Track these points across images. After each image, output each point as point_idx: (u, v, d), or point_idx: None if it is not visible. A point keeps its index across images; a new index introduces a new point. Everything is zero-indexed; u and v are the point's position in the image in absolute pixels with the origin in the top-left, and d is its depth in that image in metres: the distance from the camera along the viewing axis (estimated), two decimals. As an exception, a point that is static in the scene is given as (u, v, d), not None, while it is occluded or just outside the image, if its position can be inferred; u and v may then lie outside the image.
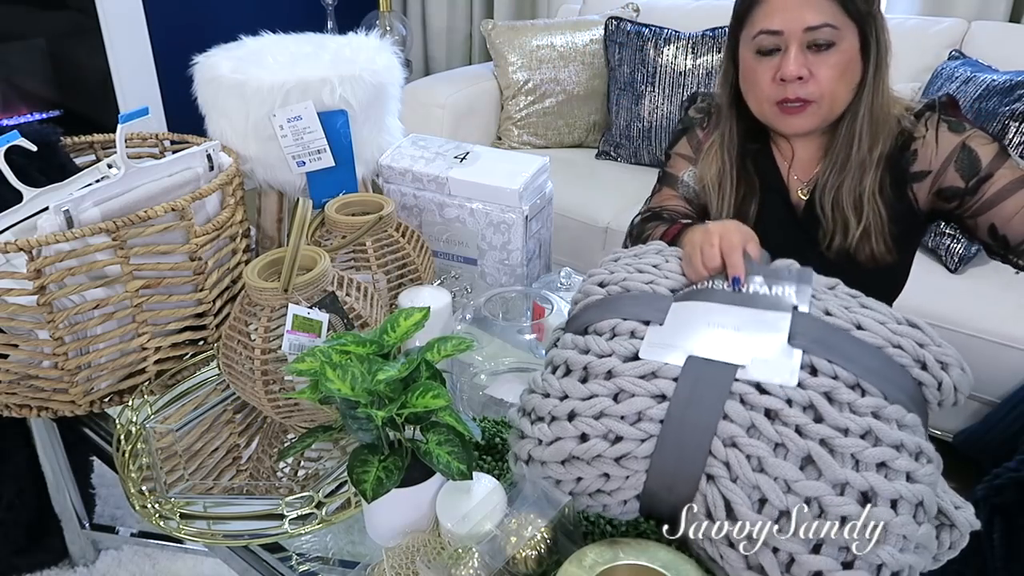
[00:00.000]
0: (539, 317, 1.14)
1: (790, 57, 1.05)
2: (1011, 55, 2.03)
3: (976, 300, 1.75)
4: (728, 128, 1.20)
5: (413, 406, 0.78)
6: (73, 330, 1.04)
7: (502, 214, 1.27)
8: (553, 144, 2.58)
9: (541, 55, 2.50)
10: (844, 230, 1.12)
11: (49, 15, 2.85)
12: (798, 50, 1.05)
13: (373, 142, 1.35)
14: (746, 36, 1.10)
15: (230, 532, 0.93)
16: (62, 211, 0.99)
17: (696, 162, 1.26)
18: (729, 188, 1.20)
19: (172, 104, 2.90)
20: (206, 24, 2.96)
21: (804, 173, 1.19)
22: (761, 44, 1.07)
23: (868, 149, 1.10)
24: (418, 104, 2.47)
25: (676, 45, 2.33)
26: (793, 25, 1.04)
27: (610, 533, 0.85)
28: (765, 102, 1.10)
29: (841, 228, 1.13)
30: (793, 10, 1.05)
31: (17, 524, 1.54)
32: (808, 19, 1.04)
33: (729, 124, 1.20)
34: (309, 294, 0.95)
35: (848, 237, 1.12)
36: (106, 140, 1.31)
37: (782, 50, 1.06)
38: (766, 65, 1.08)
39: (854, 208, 1.11)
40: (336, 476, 0.98)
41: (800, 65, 1.05)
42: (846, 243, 1.13)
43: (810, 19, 1.04)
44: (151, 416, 1.10)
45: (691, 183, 1.27)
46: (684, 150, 1.29)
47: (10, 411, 1.13)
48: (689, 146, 1.28)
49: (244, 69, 1.27)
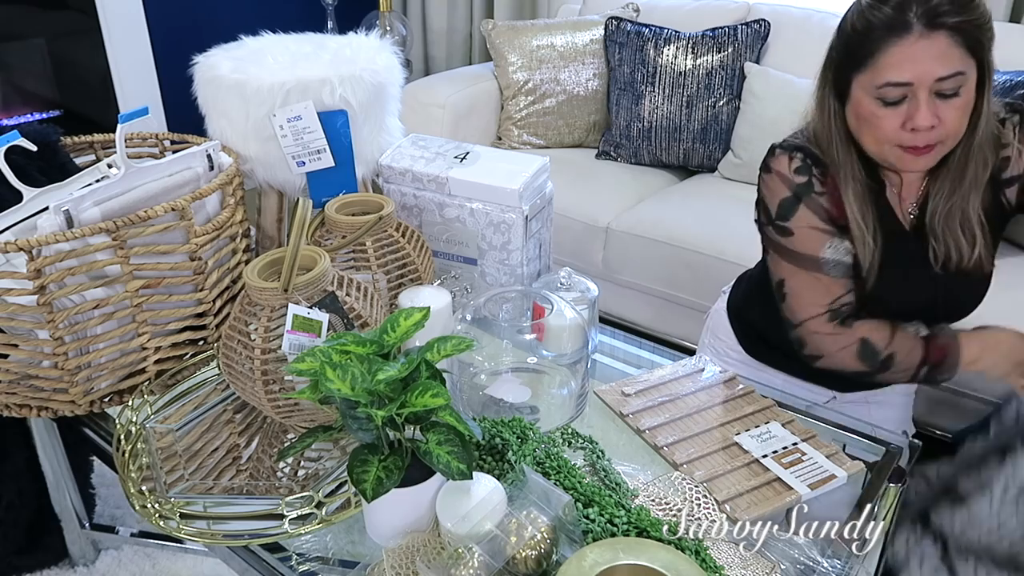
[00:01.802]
0: (539, 317, 1.14)
1: (921, 109, 0.99)
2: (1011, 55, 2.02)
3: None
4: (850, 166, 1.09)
5: (413, 406, 0.78)
6: (73, 330, 1.04)
7: (502, 214, 1.27)
8: (553, 144, 2.58)
9: (541, 55, 2.50)
10: (958, 250, 1.11)
11: (49, 15, 2.85)
12: (927, 99, 0.99)
13: (373, 142, 1.35)
14: (866, 81, 1.01)
15: (230, 532, 0.93)
16: (62, 211, 0.99)
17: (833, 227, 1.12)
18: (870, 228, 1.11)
19: (172, 104, 2.90)
20: (206, 24, 2.96)
21: (910, 193, 1.14)
22: (887, 95, 1.00)
23: (981, 171, 1.07)
24: (418, 104, 2.46)
25: (676, 45, 2.33)
26: (924, 78, 0.98)
27: (610, 533, 0.85)
28: (886, 144, 1.04)
29: (955, 249, 1.11)
30: (923, 61, 0.97)
31: (17, 524, 1.54)
32: (938, 71, 0.97)
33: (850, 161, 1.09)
34: (309, 294, 0.95)
35: (963, 257, 1.11)
36: (106, 140, 1.31)
37: (909, 98, 1.00)
38: (891, 113, 1.01)
39: (964, 229, 1.10)
40: (336, 476, 0.98)
41: (931, 115, 0.99)
42: (962, 263, 1.11)
43: (940, 70, 0.97)
44: (151, 416, 1.10)
45: (839, 257, 1.12)
46: (811, 219, 1.12)
47: (10, 411, 1.13)
48: (817, 216, 1.11)
49: (244, 69, 1.27)
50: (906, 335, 1.12)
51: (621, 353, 1.32)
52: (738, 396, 1.14)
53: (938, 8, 0.97)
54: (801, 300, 1.14)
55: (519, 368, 1.14)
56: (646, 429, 1.07)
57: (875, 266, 1.11)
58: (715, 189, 2.29)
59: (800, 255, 1.13)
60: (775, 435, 1.05)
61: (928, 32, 0.97)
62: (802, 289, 1.13)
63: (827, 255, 1.11)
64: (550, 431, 1.04)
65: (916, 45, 0.97)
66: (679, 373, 1.19)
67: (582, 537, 0.85)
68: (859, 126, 1.06)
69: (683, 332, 2.10)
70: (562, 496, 0.84)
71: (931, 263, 1.12)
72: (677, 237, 2.04)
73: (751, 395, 1.14)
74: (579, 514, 0.86)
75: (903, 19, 0.97)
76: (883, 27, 0.99)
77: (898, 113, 1.01)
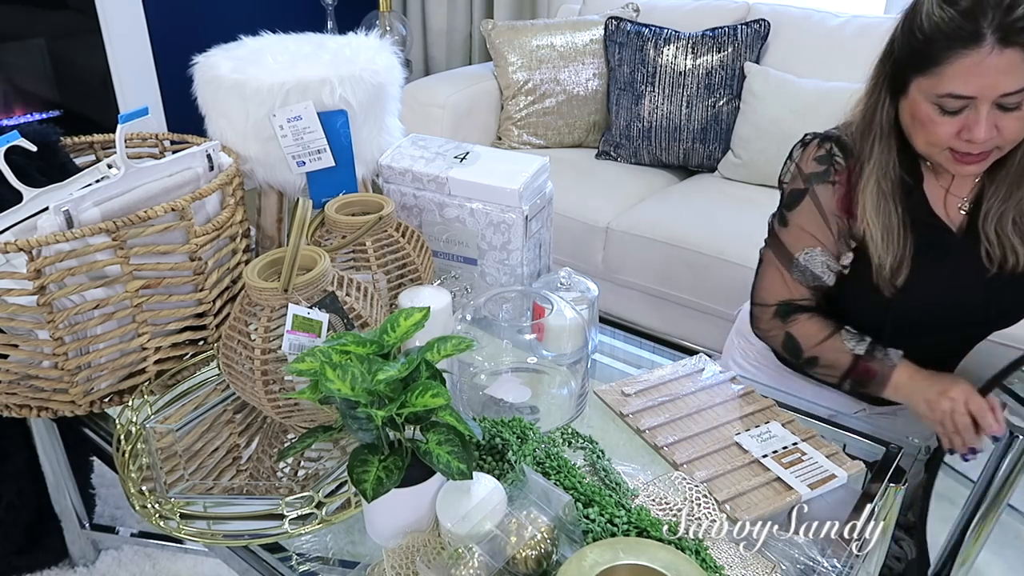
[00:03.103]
0: (539, 317, 1.14)
1: (981, 122, 0.95)
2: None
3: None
4: (883, 162, 1.07)
5: (413, 406, 0.78)
6: (73, 330, 1.04)
7: (502, 214, 1.27)
8: (553, 144, 2.58)
9: (541, 55, 2.50)
10: (1014, 253, 1.08)
11: (49, 15, 2.85)
12: (989, 111, 0.95)
13: (373, 142, 1.35)
14: (927, 86, 0.97)
15: (230, 532, 0.93)
16: (62, 211, 0.99)
17: (824, 238, 1.13)
18: (898, 232, 1.08)
19: (172, 104, 2.90)
20: (206, 24, 2.96)
21: (962, 189, 1.11)
22: (947, 104, 0.97)
23: None
24: (418, 104, 2.46)
25: (676, 45, 2.33)
26: (988, 93, 0.94)
27: (610, 533, 0.85)
28: (939, 148, 1.01)
29: (1011, 251, 1.08)
30: (990, 76, 0.93)
31: (17, 524, 1.54)
32: (1006, 87, 0.93)
33: (885, 157, 1.07)
34: (309, 294, 0.95)
35: (1019, 260, 1.08)
36: (106, 140, 1.31)
37: (969, 108, 0.96)
38: (949, 121, 0.98)
39: (1017, 228, 1.07)
40: (336, 476, 0.98)
41: (990, 127, 0.96)
42: (1018, 266, 1.08)
43: (1008, 86, 0.93)
44: (151, 416, 1.10)
45: (813, 268, 1.14)
46: (807, 221, 1.13)
47: (10, 411, 1.13)
48: (815, 212, 1.12)
49: (244, 69, 1.27)
50: (839, 345, 1.14)
51: (621, 353, 1.32)
52: (738, 396, 1.14)
53: (1016, 23, 0.91)
54: (763, 285, 1.20)
55: (519, 368, 1.14)
56: (646, 429, 1.07)
57: (902, 261, 1.08)
58: (715, 189, 2.29)
59: (782, 247, 1.16)
60: (775, 435, 1.05)
61: (1000, 48, 0.91)
62: (769, 277, 1.19)
63: (800, 259, 1.14)
64: (550, 431, 1.04)
65: (986, 60, 0.92)
66: (679, 373, 1.19)
67: (582, 537, 0.85)
68: (912, 125, 1.03)
69: (683, 332, 2.10)
70: (562, 496, 0.84)
71: (984, 264, 1.09)
72: (677, 237, 2.04)
73: (751, 395, 1.14)
74: (579, 514, 0.86)
75: (975, 29, 0.92)
76: (953, 35, 0.93)
77: (956, 122, 0.98)
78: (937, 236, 1.10)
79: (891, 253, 1.08)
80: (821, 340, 1.15)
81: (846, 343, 1.14)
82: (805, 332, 1.16)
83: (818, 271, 1.14)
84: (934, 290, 1.11)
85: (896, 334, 1.14)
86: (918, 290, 1.10)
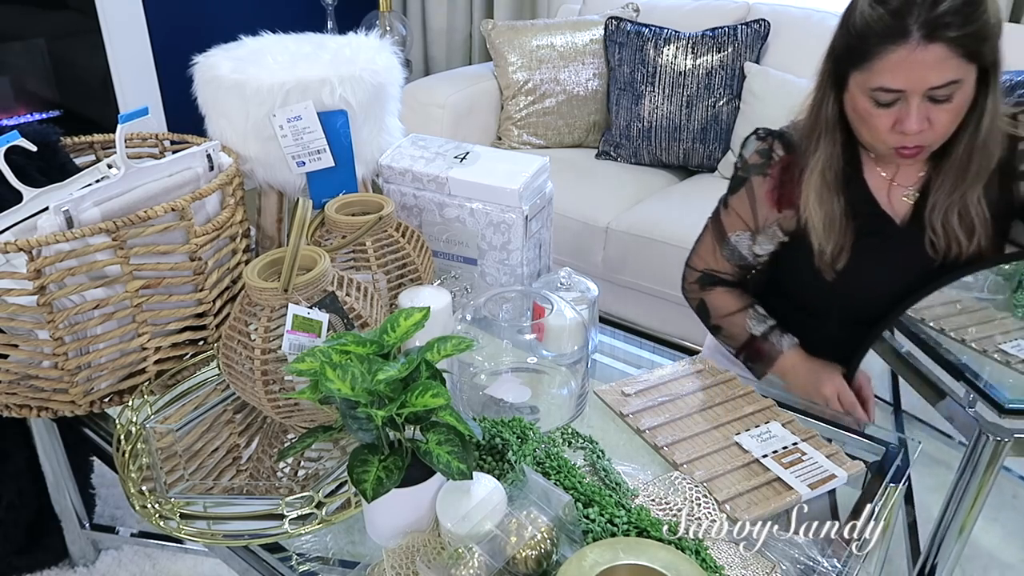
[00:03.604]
0: (539, 317, 1.14)
1: (911, 115, 1.00)
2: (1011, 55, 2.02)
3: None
4: (830, 155, 1.12)
5: (413, 406, 0.78)
6: (73, 330, 1.04)
7: (502, 214, 1.27)
8: (553, 144, 2.58)
9: (541, 55, 2.50)
10: (957, 243, 1.11)
11: (49, 15, 2.85)
12: (919, 104, 0.99)
13: (373, 142, 1.35)
14: (861, 81, 1.03)
15: (230, 532, 0.93)
16: (62, 211, 0.99)
17: (752, 225, 1.21)
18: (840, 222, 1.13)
19: (172, 104, 2.90)
20: (206, 24, 2.96)
21: (907, 179, 1.14)
22: (879, 98, 1.02)
23: (984, 167, 1.07)
24: (418, 104, 2.46)
25: (676, 45, 2.33)
26: (917, 86, 0.98)
27: (610, 533, 0.85)
28: (879, 141, 1.06)
29: (955, 242, 1.11)
30: (918, 70, 0.97)
31: (17, 524, 1.54)
32: (932, 80, 0.97)
33: (831, 151, 1.12)
34: (309, 294, 0.95)
35: (961, 250, 1.11)
36: (106, 140, 1.31)
37: (901, 101, 1.01)
38: (884, 113, 1.03)
39: (963, 223, 1.10)
40: (336, 476, 0.98)
41: (921, 119, 1.00)
42: (960, 255, 1.11)
43: (934, 80, 0.97)
44: (151, 416, 1.10)
45: (741, 249, 1.24)
46: (741, 207, 1.22)
47: (10, 411, 1.13)
48: (747, 201, 1.20)
49: (244, 69, 1.27)
50: (741, 322, 1.25)
51: (621, 353, 1.32)
52: (738, 396, 1.14)
53: (940, 19, 0.95)
54: (697, 250, 1.31)
55: (519, 368, 1.14)
56: (646, 429, 1.07)
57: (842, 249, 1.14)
58: (715, 189, 2.26)
59: (719, 226, 1.27)
60: (775, 435, 1.05)
61: (925, 43, 0.96)
62: (703, 246, 1.30)
63: (731, 239, 1.24)
64: (550, 431, 1.04)
65: (912, 55, 0.96)
66: (679, 373, 1.19)
67: (582, 537, 0.85)
68: (854, 119, 1.08)
69: (683, 332, 2.10)
70: (562, 496, 0.84)
71: (929, 254, 1.13)
72: (677, 237, 2.04)
73: (751, 395, 1.14)
74: (579, 514, 0.86)
75: (902, 25, 0.96)
76: (883, 31, 0.98)
77: (890, 114, 1.02)
78: (879, 226, 1.15)
79: (832, 241, 1.14)
80: (728, 313, 1.26)
81: (748, 321, 1.25)
82: (717, 303, 1.28)
83: (744, 252, 1.24)
84: (878, 277, 1.16)
85: (845, 319, 1.21)
86: (862, 277, 1.16)
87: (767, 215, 1.19)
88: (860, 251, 1.14)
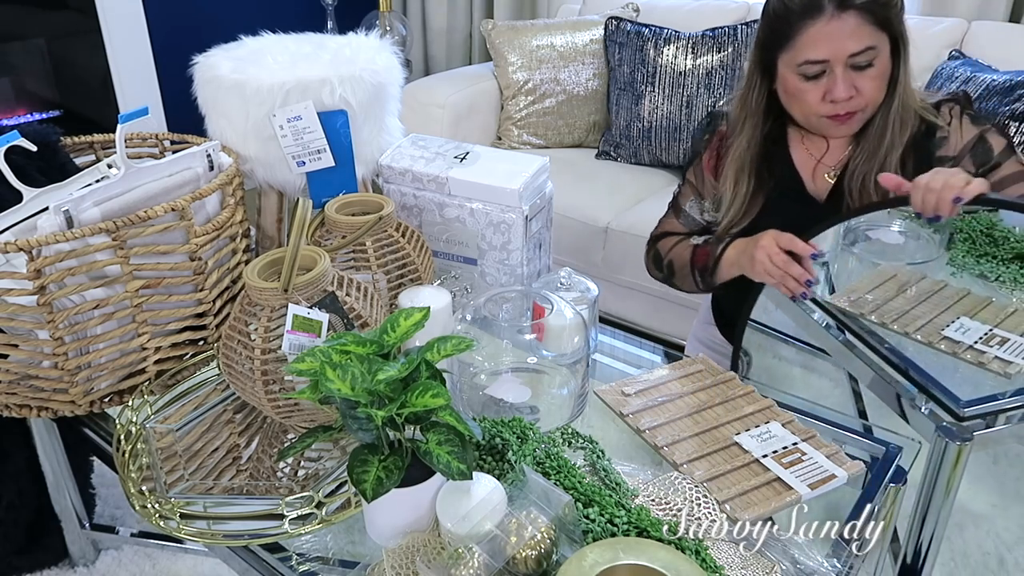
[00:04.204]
0: (539, 317, 1.14)
1: (838, 82, 1.11)
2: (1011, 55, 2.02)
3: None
4: (750, 138, 1.24)
5: (413, 406, 0.78)
6: (73, 330, 1.04)
7: (502, 214, 1.27)
8: (553, 144, 2.58)
9: (541, 55, 2.50)
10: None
11: (49, 15, 2.85)
12: (843, 72, 1.11)
13: (373, 142, 1.35)
14: (788, 60, 1.14)
15: (230, 532, 0.93)
16: (62, 211, 0.99)
17: (701, 191, 1.34)
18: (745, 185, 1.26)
19: (172, 104, 2.90)
20: (206, 24, 2.96)
21: (832, 159, 1.25)
22: (806, 71, 1.13)
23: (898, 135, 1.17)
24: (418, 104, 2.46)
25: (676, 45, 2.33)
26: (838, 54, 1.09)
27: (610, 533, 0.85)
28: (812, 115, 1.16)
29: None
30: (836, 40, 1.09)
31: (17, 524, 1.54)
32: (850, 47, 1.09)
33: (754, 132, 1.24)
34: (309, 294, 0.95)
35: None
36: (106, 140, 1.31)
37: (827, 72, 1.12)
38: (814, 87, 1.13)
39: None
40: (336, 476, 0.98)
41: (848, 86, 1.11)
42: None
43: (852, 47, 1.09)
44: (151, 416, 1.10)
45: (693, 214, 1.37)
46: (693, 178, 1.36)
47: (10, 411, 1.13)
48: (695, 174, 1.35)
49: (244, 69, 1.27)
50: (685, 244, 1.35)
51: (621, 353, 1.32)
52: (738, 396, 1.14)
53: None
54: (659, 223, 1.43)
55: (519, 368, 1.14)
56: (646, 429, 1.07)
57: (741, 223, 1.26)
58: (715, 189, 2.29)
59: (677, 199, 1.39)
60: (775, 435, 1.05)
61: (839, 13, 1.08)
62: (665, 218, 1.42)
63: (686, 207, 1.37)
64: (550, 431, 1.04)
65: (829, 26, 1.09)
66: (679, 373, 1.19)
67: (582, 537, 0.85)
68: (788, 100, 1.19)
69: (683, 332, 2.10)
70: (562, 496, 0.84)
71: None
72: (677, 237, 2.04)
73: (751, 395, 1.14)
74: (579, 514, 0.86)
75: (816, 2, 1.10)
76: (799, 10, 1.11)
77: (819, 86, 1.13)
78: (801, 203, 1.25)
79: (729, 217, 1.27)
80: (673, 245, 1.36)
81: (691, 241, 1.36)
82: (665, 245, 1.38)
83: (697, 217, 1.37)
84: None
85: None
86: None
87: (710, 184, 1.32)
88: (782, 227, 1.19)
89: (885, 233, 1.23)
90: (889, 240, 1.24)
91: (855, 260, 1.27)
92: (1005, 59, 2.01)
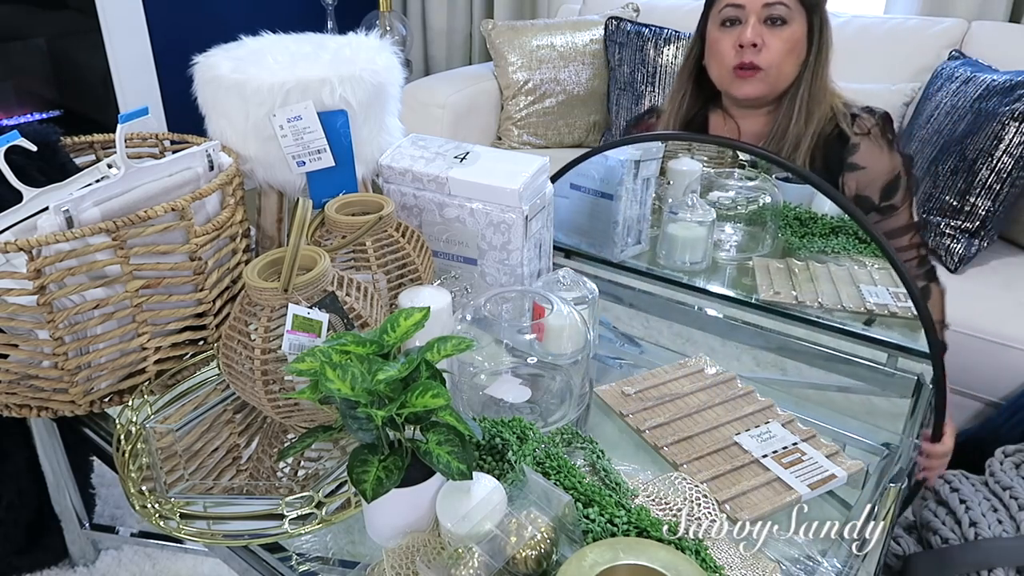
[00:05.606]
0: (539, 317, 1.14)
1: (748, 27, 1.29)
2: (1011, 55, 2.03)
3: (976, 300, 1.75)
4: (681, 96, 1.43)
5: (413, 406, 0.78)
6: (73, 330, 1.04)
7: (502, 214, 1.27)
8: (553, 144, 2.58)
9: (541, 55, 2.50)
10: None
11: (49, 15, 2.85)
12: (756, 22, 1.29)
13: (373, 142, 1.35)
14: (714, 13, 1.34)
15: (230, 532, 0.93)
16: (62, 211, 0.99)
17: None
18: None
19: (172, 104, 2.90)
20: (206, 24, 2.96)
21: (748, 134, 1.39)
22: (726, 15, 1.31)
23: (804, 123, 1.31)
24: (418, 104, 2.47)
25: (676, 45, 2.33)
26: (753, 3, 1.28)
27: (610, 533, 0.85)
28: (724, 68, 1.33)
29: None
30: None
31: (17, 524, 1.54)
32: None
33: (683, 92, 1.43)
34: (309, 294, 0.95)
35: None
36: (106, 140, 1.31)
37: (743, 22, 1.30)
38: (728, 35, 1.32)
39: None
40: (336, 476, 0.98)
41: (756, 34, 1.28)
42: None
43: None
44: (151, 416, 1.10)
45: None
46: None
47: (10, 411, 1.13)
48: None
49: (244, 69, 1.27)
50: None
51: (621, 353, 1.32)
52: (738, 396, 1.14)
53: None
54: None
55: (519, 368, 1.14)
56: (646, 429, 1.07)
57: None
58: (715, 189, 2.29)
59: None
60: (775, 435, 1.05)
61: None
62: None
63: None
64: (550, 431, 1.04)
65: None
66: (679, 373, 1.19)
67: (582, 537, 0.85)
68: (709, 59, 1.36)
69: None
70: (562, 496, 0.84)
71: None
72: (677, 237, 2.04)
73: (751, 395, 1.14)
74: (579, 514, 0.86)
75: None
76: None
77: (733, 35, 1.31)
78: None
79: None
80: None
81: None
82: None
83: None
84: None
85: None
86: None
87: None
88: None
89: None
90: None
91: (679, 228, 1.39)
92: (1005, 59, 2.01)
